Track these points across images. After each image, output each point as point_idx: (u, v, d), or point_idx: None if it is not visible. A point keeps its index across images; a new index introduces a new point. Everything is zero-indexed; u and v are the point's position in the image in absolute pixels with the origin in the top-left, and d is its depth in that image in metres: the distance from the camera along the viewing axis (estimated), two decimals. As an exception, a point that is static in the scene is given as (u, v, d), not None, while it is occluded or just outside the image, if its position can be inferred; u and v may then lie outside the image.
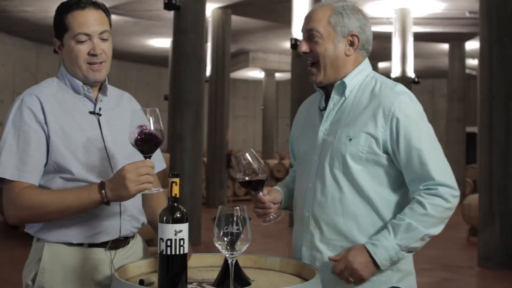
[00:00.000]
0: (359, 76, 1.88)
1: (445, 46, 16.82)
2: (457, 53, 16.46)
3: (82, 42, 1.81)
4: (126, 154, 1.85)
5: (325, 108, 1.91)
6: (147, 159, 1.68)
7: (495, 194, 6.64)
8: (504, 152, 6.65)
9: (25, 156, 1.76)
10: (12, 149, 1.76)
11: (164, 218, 1.53)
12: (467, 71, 17.05)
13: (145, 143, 1.66)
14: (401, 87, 1.85)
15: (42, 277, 1.80)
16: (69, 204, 1.73)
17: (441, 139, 1.84)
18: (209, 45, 13.52)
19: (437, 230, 1.78)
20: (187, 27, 8.16)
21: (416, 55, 14.49)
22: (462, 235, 9.06)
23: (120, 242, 1.89)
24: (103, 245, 1.85)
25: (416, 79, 13.41)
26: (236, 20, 14.32)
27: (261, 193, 1.89)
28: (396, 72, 13.32)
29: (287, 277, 1.77)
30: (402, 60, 13.32)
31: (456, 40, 16.18)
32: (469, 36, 15.65)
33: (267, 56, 19.48)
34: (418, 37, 14.54)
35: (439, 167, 1.79)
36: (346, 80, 1.87)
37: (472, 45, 15.82)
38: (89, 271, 1.81)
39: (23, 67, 17.68)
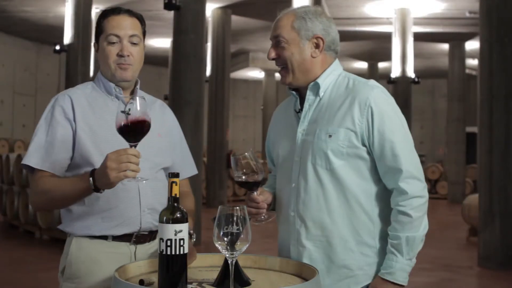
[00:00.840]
0: (331, 76, 1.94)
1: (445, 46, 16.82)
2: (457, 53, 16.47)
3: (113, 43, 1.96)
4: (148, 152, 1.93)
5: (301, 110, 1.95)
6: (132, 148, 1.71)
7: (495, 194, 6.65)
8: (504, 152, 6.65)
9: (50, 148, 1.92)
10: (40, 141, 1.93)
11: (164, 218, 1.53)
12: (467, 71, 17.06)
13: (128, 132, 1.70)
14: (374, 82, 1.91)
15: (69, 269, 1.94)
16: (67, 190, 1.85)
17: (441, 139, 1.87)
18: (209, 45, 13.52)
19: (426, 225, 1.85)
20: (187, 27, 8.16)
21: (416, 55, 14.50)
22: (462, 235, 9.06)
23: (146, 236, 1.97)
24: (127, 239, 1.94)
25: (416, 79, 13.41)
26: (236, 20, 14.32)
27: (255, 193, 1.91)
28: (396, 72, 13.32)
29: (287, 277, 1.77)
30: (402, 60, 13.32)
31: (456, 40, 16.19)
32: (469, 36, 15.65)
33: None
34: (418, 37, 14.54)
35: (409, 159, 1.83)
36: (319, 80, 1.92)
37: (472, 45, 15.82)
38: (113, 264, 1.85)
39: (23, 67, 17.68)
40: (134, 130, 1.70)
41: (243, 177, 1.86)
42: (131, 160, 1.67)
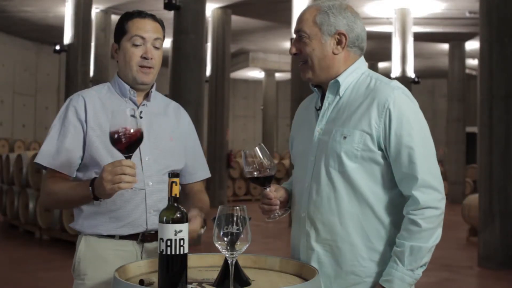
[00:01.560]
0: (353, 74, 1.86)
1: (445, 46, 16.83)
2: (457, 53, 16.48)
3: (137, 46, 1.99)
4: (156, 156, 2.00)
5: (321, 108, 1.89)
6: (127, 159, 1.72)
7: (495, 194, 6.65)
8: (504, 152, 6.65)
9: (61, 148, 1.97)
10: (53, 140, 1.99)
11: (164, 218, 1.53)
12: (467, 71, 17.06)
13: (122, 144, 1.70)
14: (396, 82, 1.82)
15: (78, 266, 2.00)
16: (70, 194, 1.91)
17: (441, 139, 1.83)
18: (209, 45, 13.52)
19: (438, 237, 1.77)
20: (187, 27, 8.17)
21: (416, 55, 14.50)
22: (462, 235, 9.06)
23: (153, 236, 1.99)
24: (134, 237, 1.97)
25: (416, 79, 13.42)
26: (236, 20, 14.32)
27: (268, 189, 1.87)
28: (396, 72, 13.32)
29: (287, 277, 1.76)
30: (402, 60, 13.32)
31: (456, 40, 16.20)
32: (469, 36, 15.66)
33: (267, 56, 19.48)
34: (418, 37, 14.55)
35: (427, 167, 1.74)
36: (339, 79, 1.84)
37: (472, 45, 15.83)
38: (119, 262, 1.86)
39: (23, 67, 17.69)
40: (127, 143, 1.70)
41: (254, 173, 1.81)
42: (126, 172, 1.69)
